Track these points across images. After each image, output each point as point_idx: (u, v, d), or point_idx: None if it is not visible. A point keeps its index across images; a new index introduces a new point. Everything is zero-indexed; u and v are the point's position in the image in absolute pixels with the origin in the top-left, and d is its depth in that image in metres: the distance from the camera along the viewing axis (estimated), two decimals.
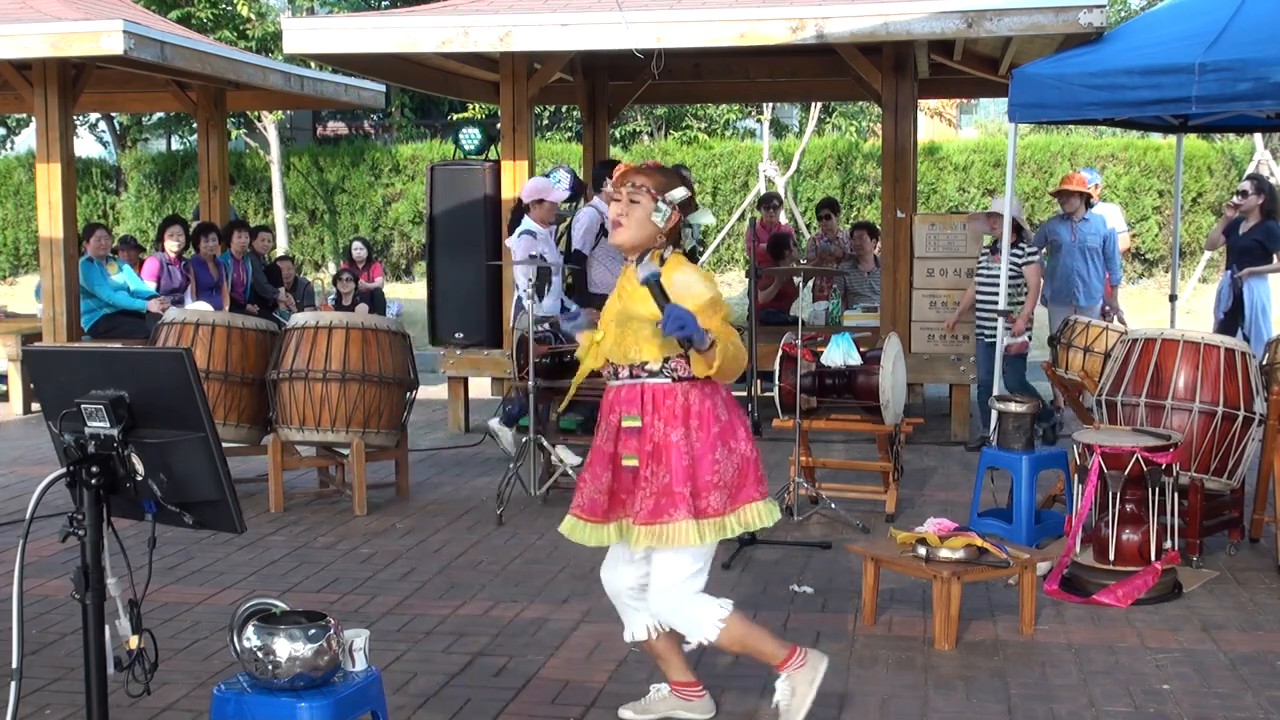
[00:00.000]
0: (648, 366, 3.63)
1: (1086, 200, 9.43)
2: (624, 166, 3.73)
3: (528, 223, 7.84)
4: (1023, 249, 8.11)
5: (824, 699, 4.14)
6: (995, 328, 7.81)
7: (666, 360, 3.62)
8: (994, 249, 8.17)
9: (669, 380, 3.62)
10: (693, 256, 11.87)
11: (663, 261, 3.62)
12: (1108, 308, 9.38)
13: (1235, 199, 9.35)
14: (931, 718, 4.00)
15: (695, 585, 3.67)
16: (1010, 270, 7.86)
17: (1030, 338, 8.19)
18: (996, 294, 7.88)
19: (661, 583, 3.65)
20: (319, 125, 26.31)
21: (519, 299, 7.71)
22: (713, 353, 3.47)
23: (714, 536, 3.63)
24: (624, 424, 3.65)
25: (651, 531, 3.59)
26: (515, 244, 7.84)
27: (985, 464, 6.23)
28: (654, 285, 3.49)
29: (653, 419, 3.62)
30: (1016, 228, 7.94)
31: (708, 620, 3.65)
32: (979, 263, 8.36)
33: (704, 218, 3.74)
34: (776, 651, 3.73)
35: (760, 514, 3.70)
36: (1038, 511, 6.08)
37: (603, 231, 8.40)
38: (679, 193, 3.65)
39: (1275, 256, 8.90)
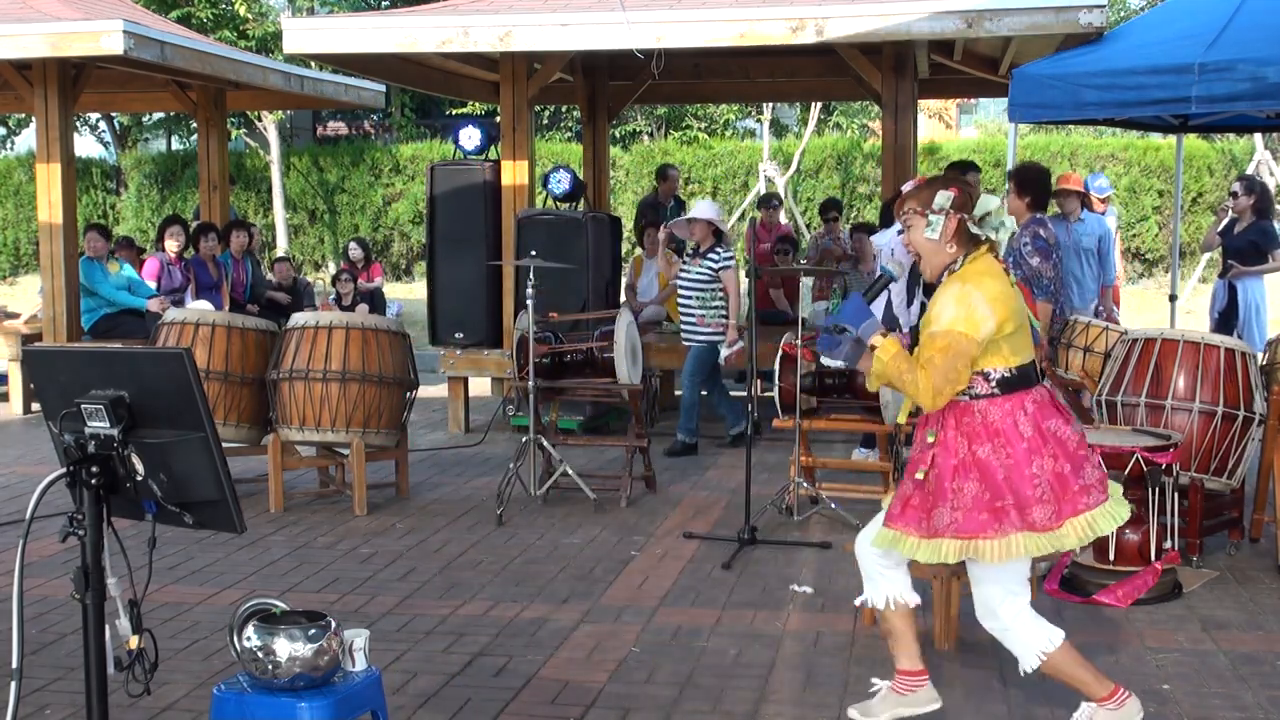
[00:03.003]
0: None
1: (1084, 200, 9.43)
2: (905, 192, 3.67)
3: None
4: (719, 253, 8.21)
5: (824, 698, 4.15)
6: (695, 331, 8.22)
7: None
8: (695, 253, 8.32)
9: (965, 398, 3.58)
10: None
11: (952, 273, 3.59)
12: (1100, 308, 9.35)
13: (1227, 201, 9.38)
14: (932, 717, 4.00)
15: (1023, 602, 3.64)
16: (707, 275, 8.16)
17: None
18: (692, 298, 8.27)
19: (988, 602, 3.63)
20: (319, 125, 26.30)
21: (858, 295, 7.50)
22: (869, 369, 3.56)
23: (1047, 549, 3.55)
24: (927, 439, 3.66)
25: (972, 546, 3.54)
26: (894, 240, 7.34)
27: None
28: (876, 286, 3.71)
29: (955, 435, 3.60)
30: (717, 232, 8.23)
31: (1032, 648, 3.63)
32: (682, 265, 8.52)
33: (987, 205, 3.58)
34: (1097, 689, 3.68)
35: (1096, 520, 3.56)
36: None
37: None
38: (941, 198, 3.56)
39: (1270, 256, 8.91)
